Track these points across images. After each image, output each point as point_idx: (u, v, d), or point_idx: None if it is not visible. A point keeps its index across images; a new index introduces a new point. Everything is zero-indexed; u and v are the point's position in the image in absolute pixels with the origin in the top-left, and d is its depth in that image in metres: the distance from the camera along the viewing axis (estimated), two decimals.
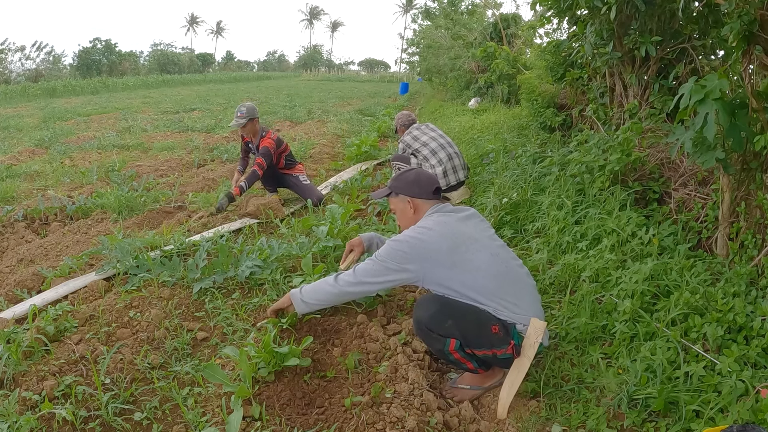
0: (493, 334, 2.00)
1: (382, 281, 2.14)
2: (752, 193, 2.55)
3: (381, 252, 2.15)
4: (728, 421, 1.64)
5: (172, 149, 7.75)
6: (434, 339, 2.03)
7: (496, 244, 2.22)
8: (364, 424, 1.87)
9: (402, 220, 2.36)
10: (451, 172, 4.57)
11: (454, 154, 4.62)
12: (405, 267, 2.09)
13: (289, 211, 4.49)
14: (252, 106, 4.70)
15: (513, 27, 12.53)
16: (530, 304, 2.13)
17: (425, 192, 2.29)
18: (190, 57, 60.17)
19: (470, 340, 2.02)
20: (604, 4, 3.70)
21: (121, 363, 2.19)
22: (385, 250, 2.14)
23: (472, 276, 2.06)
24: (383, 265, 2.11)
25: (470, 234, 2.16)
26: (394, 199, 2.37)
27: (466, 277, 2.06)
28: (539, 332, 2.05)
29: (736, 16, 2.33)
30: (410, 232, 2.16)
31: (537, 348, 2.03)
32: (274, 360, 2.10)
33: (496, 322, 2.02)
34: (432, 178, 2.35)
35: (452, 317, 2.01)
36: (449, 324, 2.00)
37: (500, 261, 2.14)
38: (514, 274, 2.16)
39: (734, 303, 2.07)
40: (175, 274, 2.99)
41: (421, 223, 2.19)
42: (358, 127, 10.30)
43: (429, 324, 2.02)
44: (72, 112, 13.02)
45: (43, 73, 30.76)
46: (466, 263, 2.07)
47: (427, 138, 4.68)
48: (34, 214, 4.36)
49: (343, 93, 23.57)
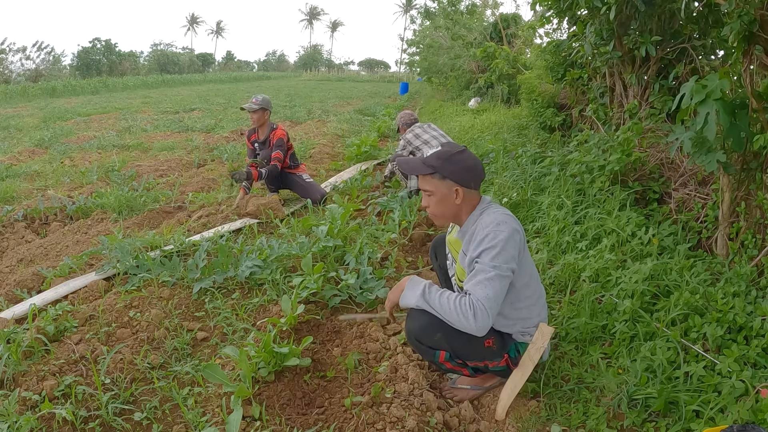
0: (485, 348, 1.93)
1: (503, 291, 1.82)
2: (752, 193, 2.55)
3: (489, 263, 1.79)
4: (728, 421, 1.64)
5: (172, 149, 7.75)
6: (424, 350, 1.96)
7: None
8: (364, 424, 1.87)
9: (440, 207, 1.96)
10: None
11: None
12: (513, 268, 1.83)
13: (289, 211, 4.49)
14: (267, 98, 4.75)
15: (513, 27, 12.53)
16: (540, 311, 2.04)
17: (477, 183, 1.96)
18: (190, 57, 60.19)
19: (460, 353, 1.95)
20: (604, 4, 3.70)
21: (121, 363, 2.19)
22: (494, 258, 1.79)
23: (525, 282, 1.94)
24: (503, 277, 1.79)
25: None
26: (435, 180, 1.93)
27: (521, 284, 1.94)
28: (546, 337, 1.99)
29: (736, 16, 2.33)
30: (503, 227, 1.84)
31: (542, 353, 1.98)
32: (274, 360, 2.10)
33: (493, 335, 1.94)
34: (482, 168, 2.02)
35: (441, 330, 1.87)
36: (438, 337, 1.89)
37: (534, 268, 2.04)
38: (539, 282, 2.08)
39: (734, 303, 2.07)
40: (175, 274, 2.99)
41: (497, 217, 1.88)
42: (358, 127, 10.30)
43: (418, 336, 1.92)
44: (72, 112, 13.02)
45: (43, 73, 30.75)
46: (524, 268, 1.92)
47: (429, 137, 4.69)
48: (34, 214, 4.36)
49: (343, 93, 23.56)
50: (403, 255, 3.54)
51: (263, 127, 4.77)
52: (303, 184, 4.80)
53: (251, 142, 4.86)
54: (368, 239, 3.47)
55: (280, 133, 4.71)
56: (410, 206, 4.27)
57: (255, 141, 4.83)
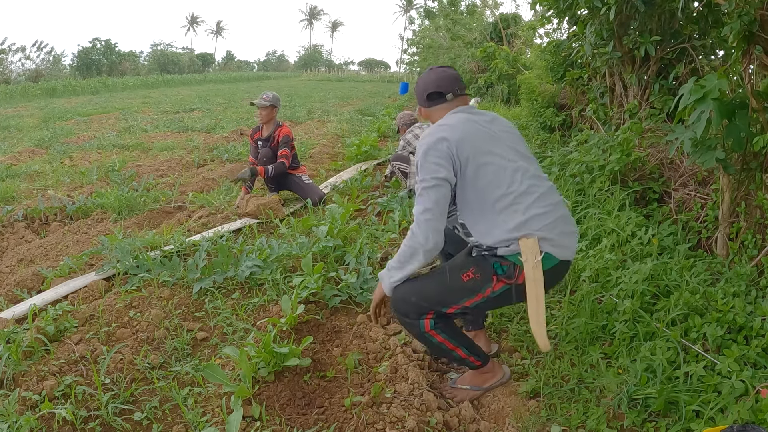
0: (465, 283, 1.87)
1: (437, 200, 1.83)
2: (752, 193, 2.55)
3: (418, 182, 1.86)
4: (728, 421, 1.64)
5: (172, 149, 7.75)
6: (410, 325, 1.95)
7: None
8: (364, 424, 1.87)
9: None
10: None
11: None
12: (440, 176, 1.83)
13: (289, 211, 4.49)
14: (278, 96, 4.76)
15: (513, 27, 12.54)
16: (525, 213, 1.83)
17: (434, 96, 2.02)
18: (190, 57, 60.19)
19: (442, 300, 1.89)
20: (603, 5, 3.70)
21: (121, 363, 2.19)
22: (420, 175, 1.87)
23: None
24: (429, 189, 1.82)
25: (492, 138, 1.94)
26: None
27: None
28: (533, 249, 1.81)
29: (736, 16, 2.33)
30: (423, 142, 1.90)
31: (543, 266, 1.82)
32: (274, 360, 2.10)
33: (471, 266, 1.88)
34: (442, 75, 2.03)
35: (413, 292, 1.90)
36: (414, 299, 1.89)
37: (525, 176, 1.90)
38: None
39: (734, 303, 2.08)
40: (175, 274, 2.99)
41: (424, 134, 1.95)
42: (358, 127, 10.29)
43: (399, 308, 1.93)
44: (72, 112, 13.01)
45: (43, 73, 30.74)
46: (481, 170, 1.88)
47: None
48: (34, 214, 4.36)
49: (343, 93, 23.56)
50: None
51: (269, 125, 4.76)
52: (302, 185, 4.80)
53: (254, 140, 4.84)
54: (368, 239, 3.47)
55: (286, 131, 4.72)
56: (410, 206, 4.27)
57: (258, 138, 4.81)
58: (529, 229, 1.82)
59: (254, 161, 4.76)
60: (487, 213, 1.87)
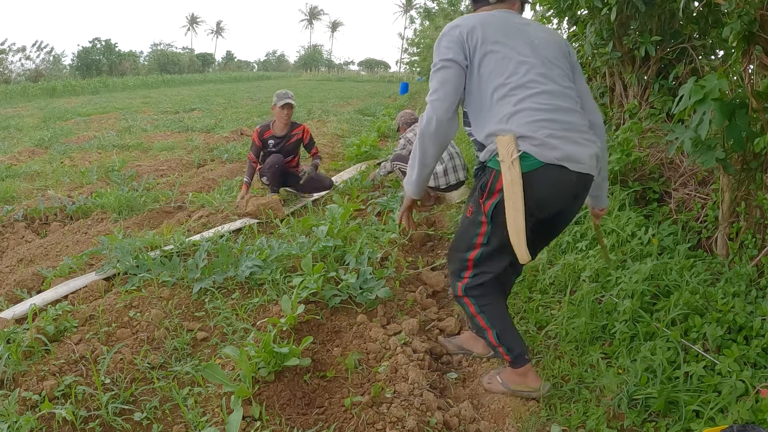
0: (470, 217, 1.87)
1: (445, 80, 1.77)
2: (752, 193, 2.55)
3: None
4: (728, 421, 1.64)
5: (172, 149, 7.75)
6: (450, 286, 2.01)
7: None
8: (364, 424, 1.87)
9: None
10: (451, 171, 4.59)
11: (455, 154, 4.64)
12: (448, 58, 1.77)
13: (289, 211, 4.50)
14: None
15: None
16: (519, 103, 1.70)
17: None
18: (190, 57, 60.20)
19: (458, 244, 1.94)
20: (604, 5, 3.70)
21: (121, 363, 2.19)
22: (434, 53, 1.84)
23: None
24: (437, 71, 1.78)
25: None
26: None
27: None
28: (509, 147, 1.66)
29: (736, 16, 2.33)
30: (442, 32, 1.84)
31: (517, 165, 1.66)
32: (274, 360, 2.10)
33: (470, 200, 1.89)
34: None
35: (452, 247, 1.99)
36: (455, 255, 1.95)
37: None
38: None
39: (734, 303, 2.08)
40: (175, 274, 3.00)
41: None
42: (358, 127, 10.30)
43: (448, 263, 2.01)
44: (72, 112, 13.01)
45: (43, 73, 30.76)
46: (487, 57, 1.78)
47: None
48: (34, 214, 4.36)
49: (343, 93, 23.56)
50: (403, 255, 3.54)
51: (285, 124, 4.76)
52: (313, 176, 4.88)
53: (265, 138, 4.74)
54: (368, 239, 3.47)
55: (308, 129, 4.88)
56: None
57: (270, 137, 4.74)
58: (512, 123, 1.68)
59: (255, 159, 4.74)
60: (485, 104, 1.77)
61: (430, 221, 4.40)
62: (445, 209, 4.59)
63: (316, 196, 5.05)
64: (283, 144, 4.75)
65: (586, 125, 1.78)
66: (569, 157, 1.68)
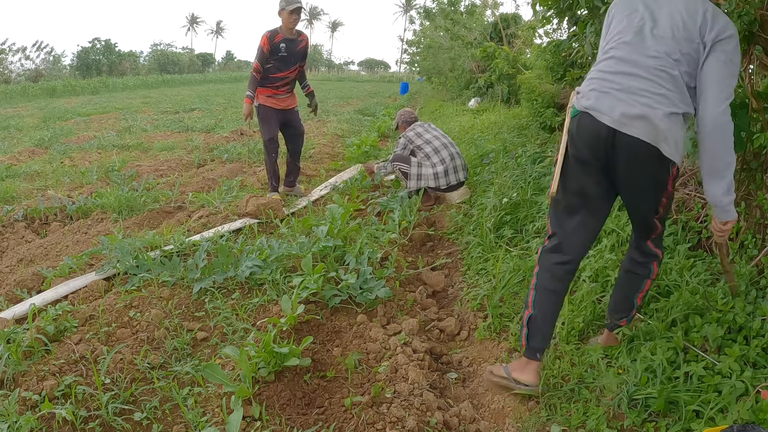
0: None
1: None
2: (752, 193, 2.55)
3: None
4: (728, 421, 1.64)
5: (172, 149, 7.75)
6: None
7: None
8: (364, 424, 1.87)
9: None
10: (452, 172, 4.59)
11: (456, 155, 4.65)
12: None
13: (289, 211, 4.50)
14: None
15: (513, 27, 12.54)
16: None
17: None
18: (190, 57, 60.15)
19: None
20: (604, 4, 3.69)
21: (121, 363, 2.19)
22: None
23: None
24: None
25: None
26: None
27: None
28: (571, 100, 1.98)
29: (736, 16, 2.33)
30: None
31: (570, 114, 1.92)
32: (274, 360, 2.10)
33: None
34: None
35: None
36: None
37: None
38: None
39: (734, 303, 2.07)
40: (175, 274, 3.00)
41: None
42: (358, 127, 10.30)
43: None
44: (72, 112, 13.01)
45: (43, 73, 30.73)
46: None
47: (430, 136, 4.71)
48: (34, 214, 4.36)
49: (343, 93, 23.56)
50: (403, 255, 3.54)
51: (291, 30, 4.66)
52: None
53: (276, 42, 4.58)
54: (368, 239, 3.47)
55: (306, 38, 4.84)
56: (410, 206, 4.27)
57: (282, 40, 4.60)
58: (582, 85, 1.91)
59: (260, 70, 4.60)
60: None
61: (430, 221, 4.40)
62: (445, 209, 4.59)
63: (316, 195, 5.04)
64: (294, 48, 4.68)
65: (653, 92, 1.76)
66: (594, 107, 1.79)
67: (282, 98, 4.78)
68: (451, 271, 3.48)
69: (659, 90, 1.75)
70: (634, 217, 2.02)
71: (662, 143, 1.73)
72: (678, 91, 1.75)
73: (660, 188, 1.86)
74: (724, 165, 1.75)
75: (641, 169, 1.81)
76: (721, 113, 1.71)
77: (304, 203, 4.71)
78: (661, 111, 1.72)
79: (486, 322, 2.63)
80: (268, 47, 4.56)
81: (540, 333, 1.98)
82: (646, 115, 1.73)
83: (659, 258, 2.05)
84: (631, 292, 2.09)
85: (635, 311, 2.12)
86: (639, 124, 1.73)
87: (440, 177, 4.56)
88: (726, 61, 1.74)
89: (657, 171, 1.81)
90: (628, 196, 1.95)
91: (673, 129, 1.72)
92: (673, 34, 1.79)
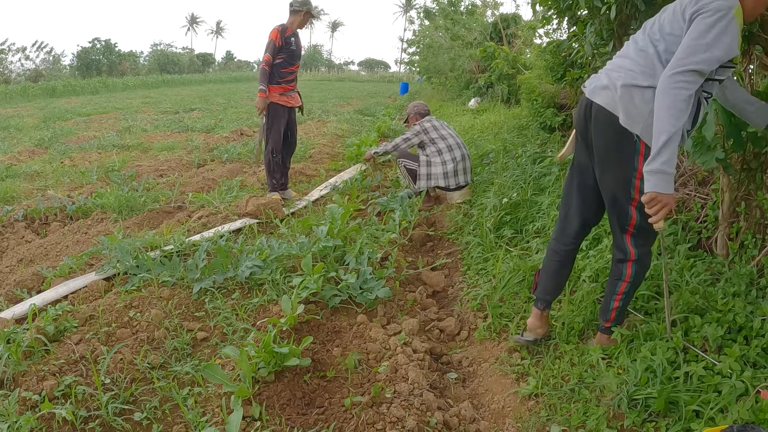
0: None
1: None
2: (752, 193, 2.55)
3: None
4: (728, 421, 1.64)
5: (172, 149, 7.75)
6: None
7: None
8: (364, 424, 1.87)
9: None
10: (461, 173, 4.60)
11: (466, 156, 4.67)
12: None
13: (289, 211, 4.50)
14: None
15: (513, 27, 12.53)
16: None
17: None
18: (190, 57, 60.08)
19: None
20: (604, 4, 3.69)
21: (121, 363, 2.19)
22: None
23: None
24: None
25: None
26: None
27: None
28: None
29: None
30: None
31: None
32: (274, 360, 2.10)
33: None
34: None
35: None
36: None
37: None
38: None
39: (734, 303, 2.07)
40: (175, 274, 3.00)
41: None
42: (358, 127, 10.30)
43: None
44: (72, 112, 13.01)
45: (43, 73, 30.74)
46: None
47: (446, 133, 4.71)
48: (34, 214, 4.36)
49: (342, 93, 23.56)
50: (403, 255, 3.54)
51: (298, 29, 4.80)
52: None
53: (287, 36, 4.67)
54: (368, 239, 3.47)
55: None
56: (410, 206, 4.27)
57: (292, 35, 4.71)
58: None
59: (271, 63, 4.64)
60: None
61: (430, 221, 4.40)
62: (445, 209, 4.59)
63: (316, 195, 5.04)
64: (299, 43, 4.82)
65: (625, 68, 1.89)
66: (584, 84, 2.04)
67: (292, 95, 4.86)
68: (451, 271, 3.48)
69: (631, 66, 1.87)
70: (606, 195, 2.04)
71: (621, 112, 1.84)
72: (646, 66, 1.83)
73: (627, 163, 1.90)
74: (657, 132, 1.72)
75: (604, 134, 1.93)
76: (668, 77, 1.71)
77: (304, 203, 4.71)
78: (621, 82, 1.84)
79: (486, 322, 2.63)
80: (281, 41, 4.64)
81: (541, 285, 2.28)
82: (608, 85, 1.89)
83: (633, 259, 2.01)
84: (608, 293, 2.12)
85: (614, 314, 2.12)
86: (603, 93, 1.91)
87: (449, 177, 4.55)
88: (700, 32, 1.71)
89: (619, 140, 1.89)
90: (598, 170, 2.02)
91: (625, 99, 1.82)
92: (662, 22, 1.90)
